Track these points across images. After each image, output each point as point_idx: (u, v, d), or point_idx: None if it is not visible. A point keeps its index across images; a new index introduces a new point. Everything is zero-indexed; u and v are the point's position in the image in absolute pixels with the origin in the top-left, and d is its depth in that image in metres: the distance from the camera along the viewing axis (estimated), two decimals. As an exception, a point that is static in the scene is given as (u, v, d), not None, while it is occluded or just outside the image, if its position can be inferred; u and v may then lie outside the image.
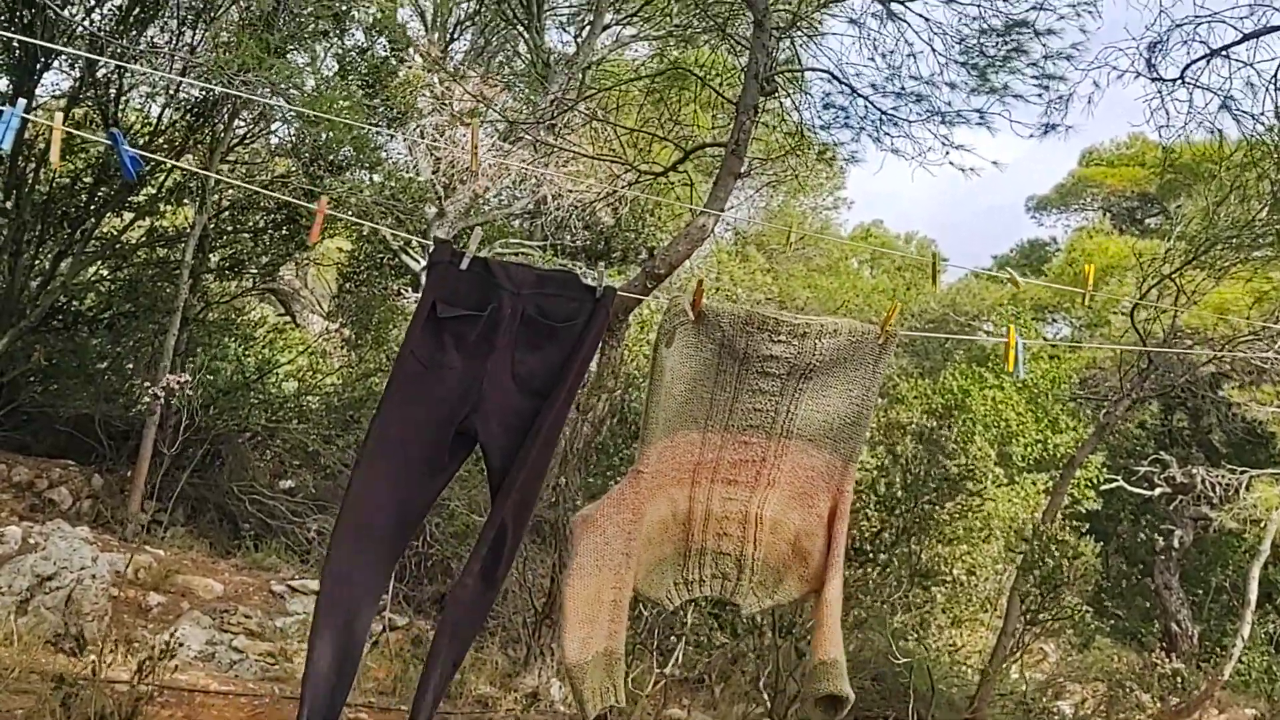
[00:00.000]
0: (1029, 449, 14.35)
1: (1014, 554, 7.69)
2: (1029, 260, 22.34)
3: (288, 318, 15.30)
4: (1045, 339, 16.40)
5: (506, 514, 2.48)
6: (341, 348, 13.02)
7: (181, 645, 6.07)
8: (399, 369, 2.54)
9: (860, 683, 8.13)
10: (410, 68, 11.10)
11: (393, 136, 11.97)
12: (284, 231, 11.08)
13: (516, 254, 13.25)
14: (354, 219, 10.18)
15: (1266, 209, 7.50)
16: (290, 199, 9.88)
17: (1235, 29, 6.80)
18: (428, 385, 2.51)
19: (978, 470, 10.63)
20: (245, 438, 11.12)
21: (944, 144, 8.31)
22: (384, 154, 11.82)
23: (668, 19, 13.15)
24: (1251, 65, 6.86)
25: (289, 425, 11.13)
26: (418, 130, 11.17)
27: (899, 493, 5.69)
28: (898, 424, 11.33)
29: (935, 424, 14.58)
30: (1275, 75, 6.76)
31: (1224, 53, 6.81)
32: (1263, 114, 6.96)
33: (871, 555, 5.06)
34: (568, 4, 15.66)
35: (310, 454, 11.18)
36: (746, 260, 17.96)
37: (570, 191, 11.24)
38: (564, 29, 16.16)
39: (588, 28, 13.56)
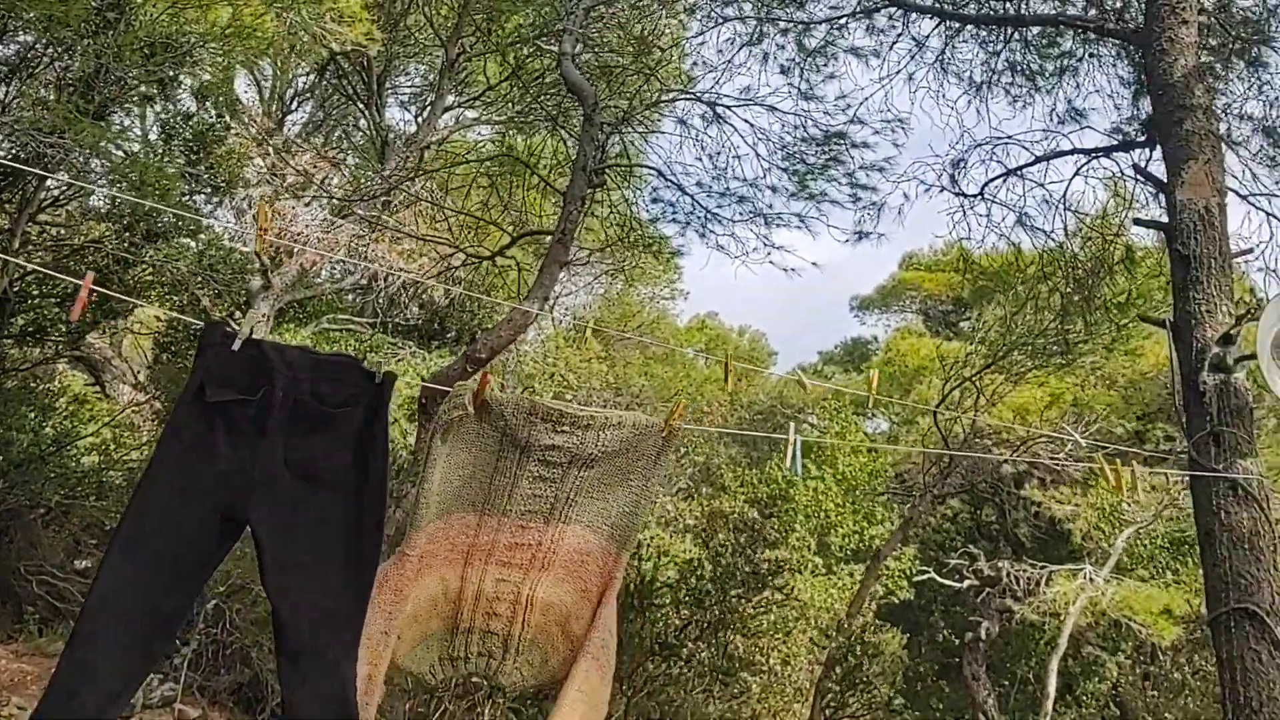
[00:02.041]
0: (846, 539, 14.72)
1: (821, 647, 7.83)
2: (851, 357, 23.23)
3: (96, 387, 14.52)
4: (865, 434, 16.99)
5: (334, 643, 2.37)
6: (151, 420, 12.40)
7: (-66, 742, 5.58)
8: (160, 453, 2.42)
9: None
10: (239, 137, 10.87)
11: (219, 204, 11.66)
12: (93, 298, 10.57)
13: (344, 330, 13.00)
14: (124, 297, 9.78)
15: (1057, 319, 8.02)
16: (46, 269, 9.43)
17: (1029, 151, 7.35)
18: (191, 472, 2.40)
19: (793, 562, 10.85)
20: (38, 514, 10.43)
21: (765, 244, 8.62)
22: (209, 222, 11.48)
23: (509, 105, 13.33)
24: (1043, 185, 7.40)
25: (86, 502, 10.50)
26: (245, 201, 10.92)
27: (708, 586, 5.73)
28: (720, 513, 11.47)
29: (758, 514, 14.85)
30: (1064, 195, 7.31)
31: (1019, 172, 7.33)
32: (1054, 231, 7.51)
33: (676, 648, 5.07)
34: (410, 84, 15.71)
35: (108, 533, 10.55)
36: (583, 347, 18.04)
37: (401, 270, 11.14)
38: (405, 108, 16.19)
39: (429, 108, 13.61)
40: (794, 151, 8.52)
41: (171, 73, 10.31)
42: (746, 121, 8.42)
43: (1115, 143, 6.87)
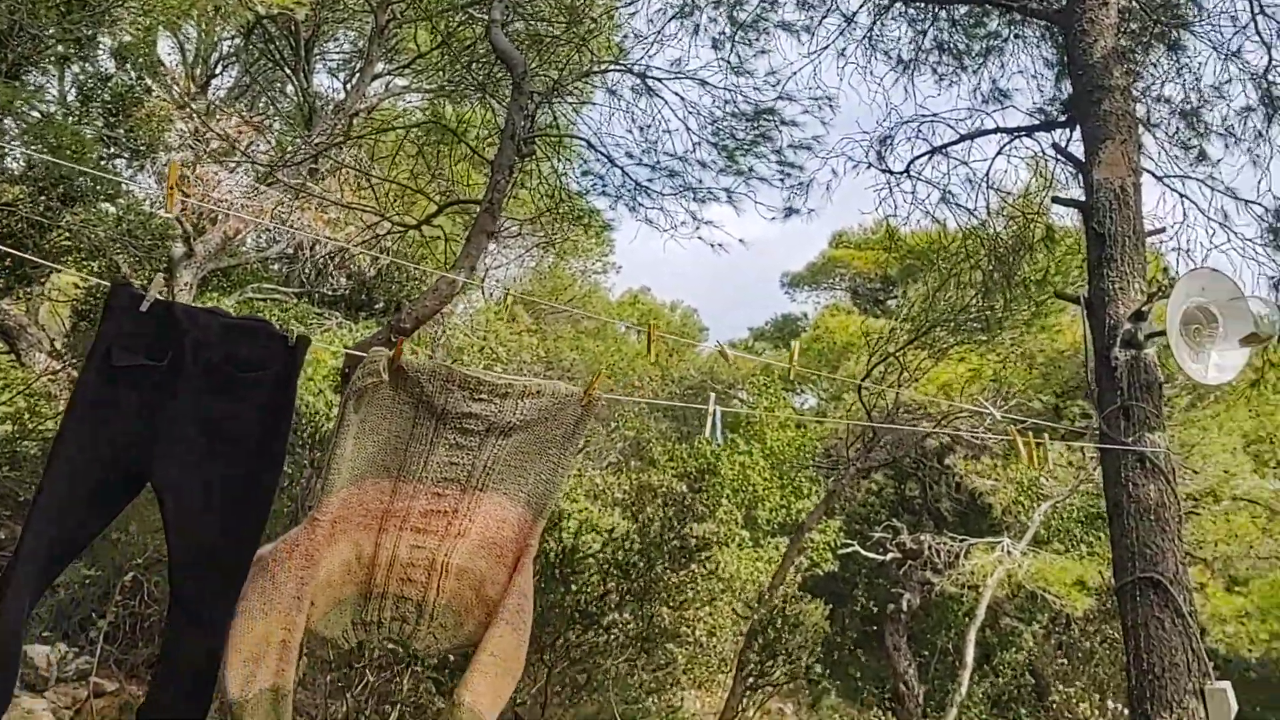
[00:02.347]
0: (773, 514, 14.91)
1: (745, 619, 7.95)
2: (781, 333, 23.42)
3: (11, 355, 14.10)
4: (794, 409, 17.17)
5: (217, 600, 2.39)
6: (68, 389, 12.09)
7: None
8: (67, 420, 2.38)
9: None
10: (160, 100, 10.58)
11: (139, 168, 11.34)
12: (6, 263, 10.24)
13: (269, 299, 12.77)
14: (40, 261, 9.53)
15: (979, 296, 8.17)
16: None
17: (954, 129, 7.44)
18: (98, 437, 2.36)
19: (720, 535, 10.95)
20: (-54, 485, 10.12)
21: (694, 219, 8.65)
22: (129, 186, 11.15)
23: (439, 73, 13.14)
24: (967, 164, 7.51)
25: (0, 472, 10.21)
26: (166, 165, 10.63)
27: (634, 557, 5.77)
28: (649, 486, 11.54)
29: (687, 488, 14.95)
30: (988, 173, 7.43)
31: (944, 150, 7.43)
32: (977, 209, 7.63)
33: (598, 617, 5.09)
34: (338, 50, 15.42)
35: (22, 504, 10.28)
36: (514, 320, 17.97)
37: (328, 239, 10.96)
38: (334, 75, 15.89)
39: (357, 74, 13.36)
40: (724, 127, 8.54)
41: (89, 32, 10.00)
42: (677, 95, 8.40)
43: (1037, 122, 6.99)
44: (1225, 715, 4.29)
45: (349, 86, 13.89)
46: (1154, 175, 6.66)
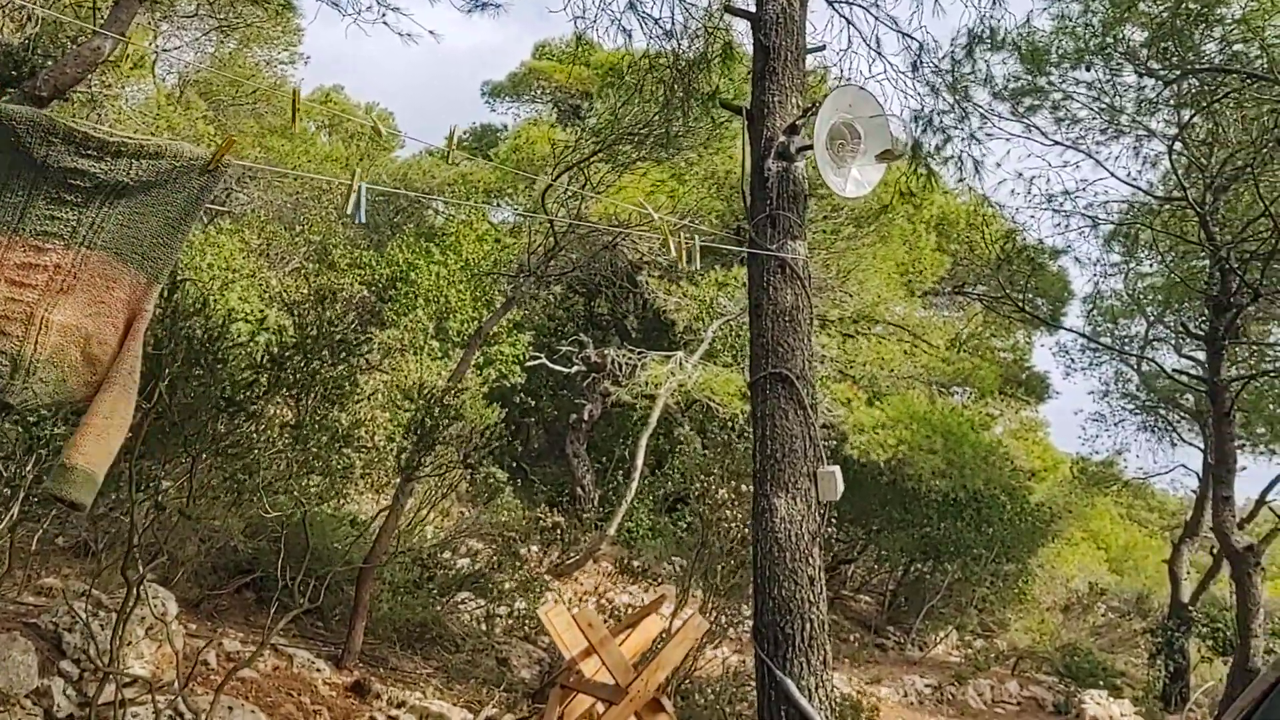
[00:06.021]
0: (465, 325, 14.97)
1: (410, 415, 8.02)
2: (479, 144, 23.00)
3: None
4: (490, 223, 17.07)
5: None
6: None
7: None
8: None
9: (259, 543, 8.05)
10: None
11: None
12: None
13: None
14: None
15: (661, 112, 8.28)
16: None
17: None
18: None
19: (405, 342, 10.89)
20: None
21: (380, 4, 8.20)
22: None
23: None
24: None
25: None
26: None
27: (290, 352, 5.59)
28: (329, 290, 11.21)
29: (375, 296, 14.70)
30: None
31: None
32: (662, 19, 7.65)
33: (245, 405, 4.94)
34: None
35: None
36: (188, 108, 16.61)
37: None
38: None
39: None
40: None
41: None
42: None
43: (722, -67, 7.01)
44: (833, 493, 4.80)
45: None
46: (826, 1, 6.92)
